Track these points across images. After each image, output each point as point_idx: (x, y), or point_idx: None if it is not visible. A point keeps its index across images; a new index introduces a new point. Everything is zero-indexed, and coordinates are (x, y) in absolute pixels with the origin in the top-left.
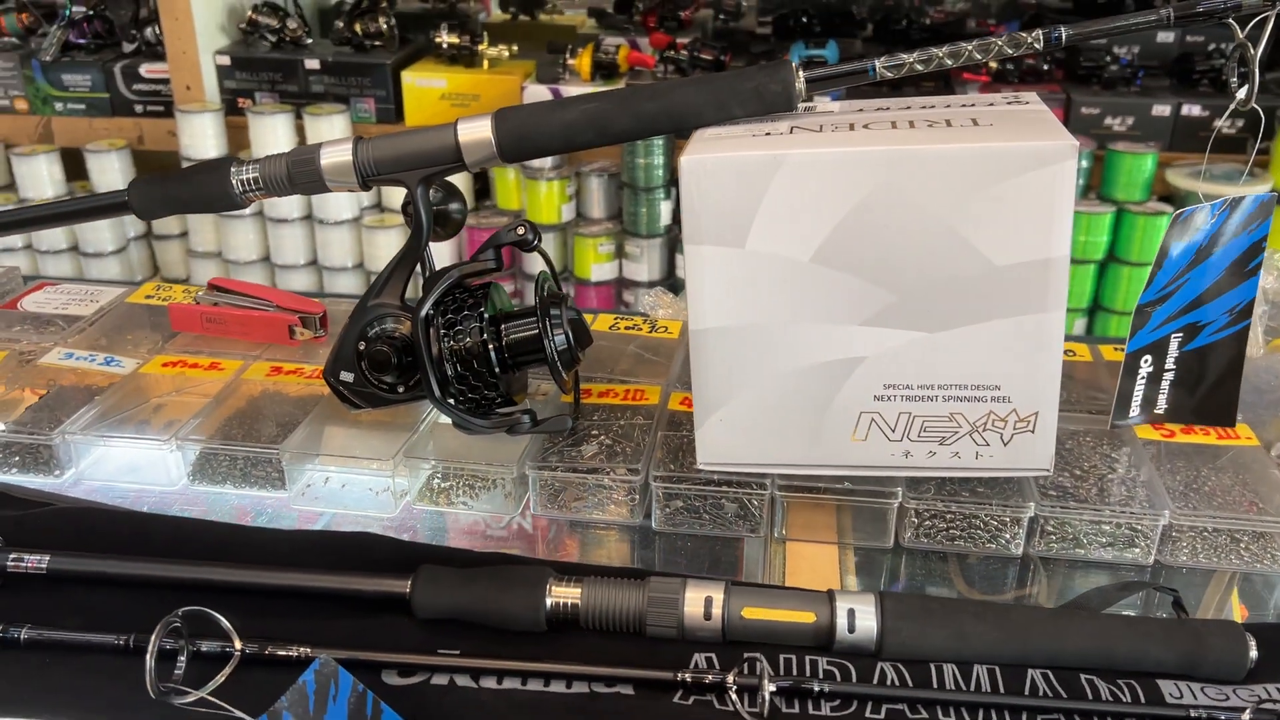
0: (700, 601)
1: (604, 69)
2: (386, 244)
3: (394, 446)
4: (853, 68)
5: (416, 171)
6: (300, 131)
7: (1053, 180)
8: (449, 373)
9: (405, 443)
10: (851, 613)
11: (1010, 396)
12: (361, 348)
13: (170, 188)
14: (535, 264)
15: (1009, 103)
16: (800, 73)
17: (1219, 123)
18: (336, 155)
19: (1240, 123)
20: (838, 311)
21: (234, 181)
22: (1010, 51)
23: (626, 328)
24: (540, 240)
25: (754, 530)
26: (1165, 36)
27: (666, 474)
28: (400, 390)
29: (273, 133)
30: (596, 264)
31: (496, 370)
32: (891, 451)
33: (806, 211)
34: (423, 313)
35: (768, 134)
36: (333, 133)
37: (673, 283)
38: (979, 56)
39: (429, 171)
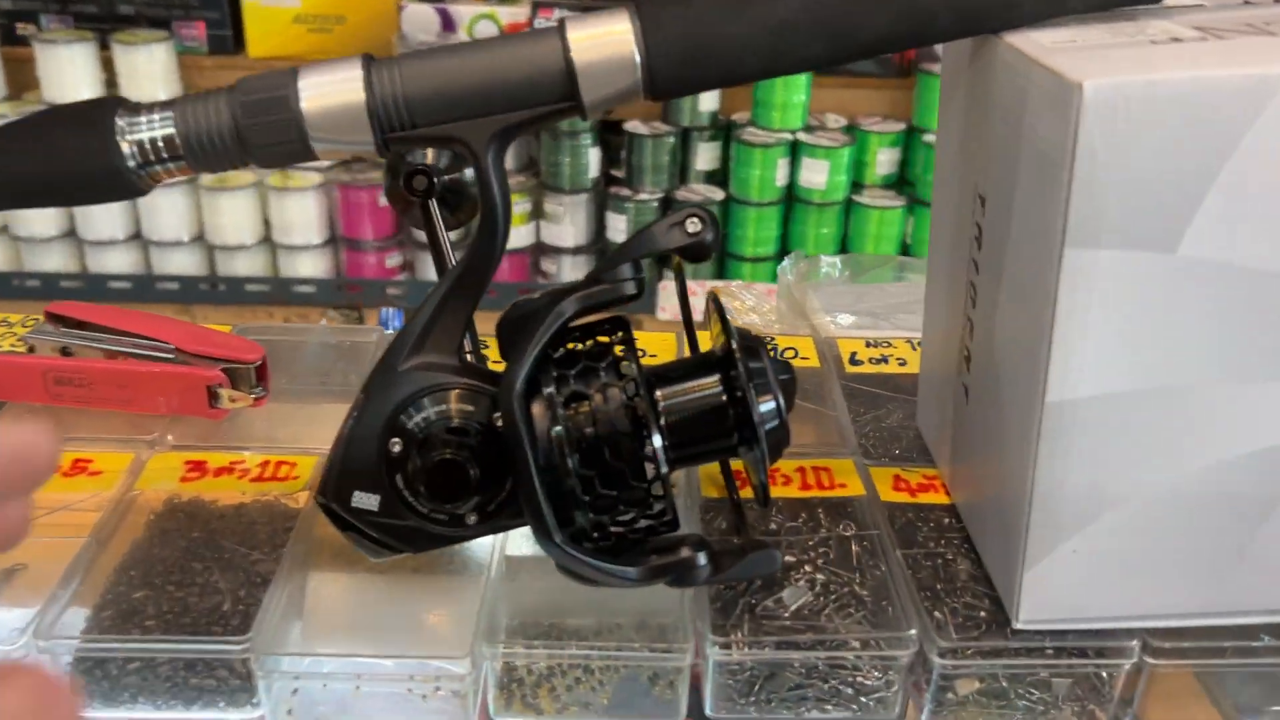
0: None
1: None
2: (231, 210)
3: (452, 613)
4: None
5: (489, 120)
6: (109, 66)
7: None
8: (577, 489)
9: (483, 608)
10: None
11: None
12: (395, 450)
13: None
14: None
15: None
16: None
17: None
18: (334, 91)
19: None
20: None
21: (124, 146)
22: None
23: None
24: (718, 240)
25: (1095, 718)
26: None
27: (958, 643)
28: (472, 521)
29: (70, 68)
30: None
31: (664, 471)
32: None
33: None
34: (518, 383)
35: (1175, 39)
36: (152, 68)
37: (601, 247)
38: None
39: (514, 119)
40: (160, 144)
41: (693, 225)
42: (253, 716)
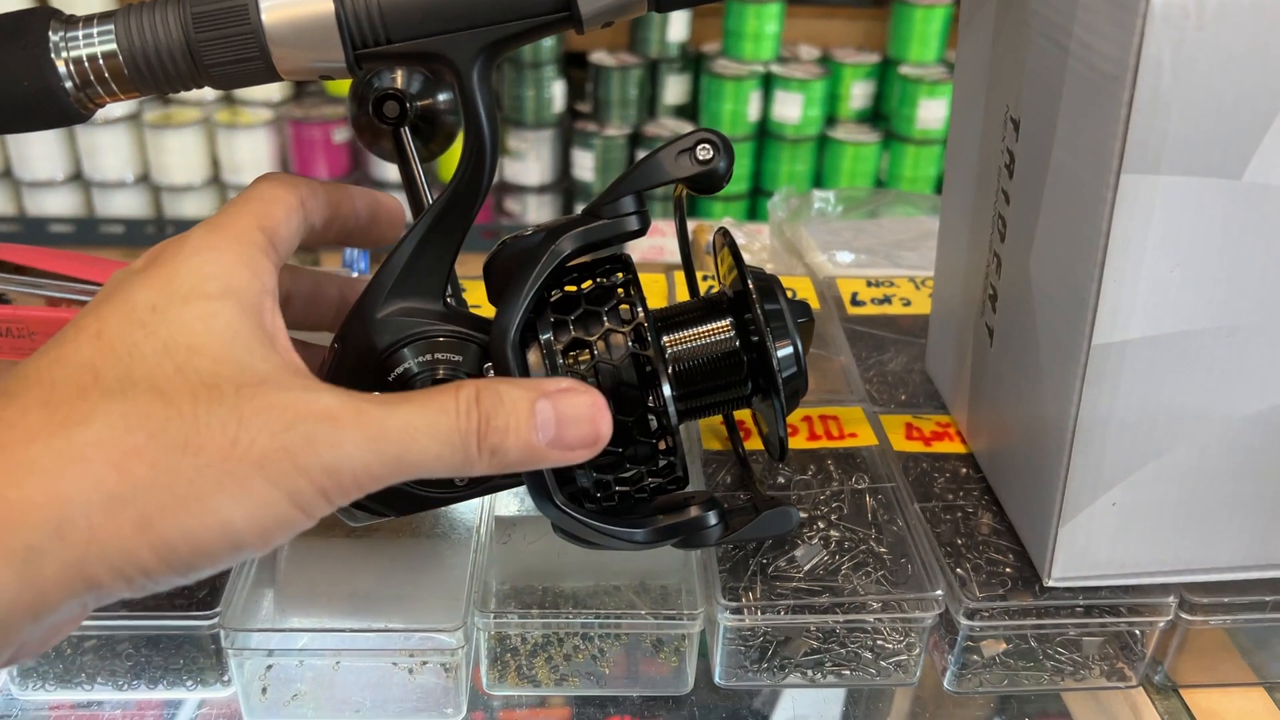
0: None
1: None
2: (178, 148)
3: (440, 580)
4: None
5: (475, 33)
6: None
7: None
8: None
9: (474, 574)
10: None
11: None
12: None
13: None
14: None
15: None
16: None
17: None
18: (299, 0)
19: None
20: None
21: (60, 64)
22: None
23: None
24: (731, 169)
25: (1124, 678)
26: None
27: (985, 603)
28: (461, 482)
29: None
30: None
31: (673, 423)
32: None
33: None
34: (512, 330)
35: None
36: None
37: (568, 185)
38: None
39: (502, 32)
40: (101, 62)
41: (704, 151)
42: (224, 695)
